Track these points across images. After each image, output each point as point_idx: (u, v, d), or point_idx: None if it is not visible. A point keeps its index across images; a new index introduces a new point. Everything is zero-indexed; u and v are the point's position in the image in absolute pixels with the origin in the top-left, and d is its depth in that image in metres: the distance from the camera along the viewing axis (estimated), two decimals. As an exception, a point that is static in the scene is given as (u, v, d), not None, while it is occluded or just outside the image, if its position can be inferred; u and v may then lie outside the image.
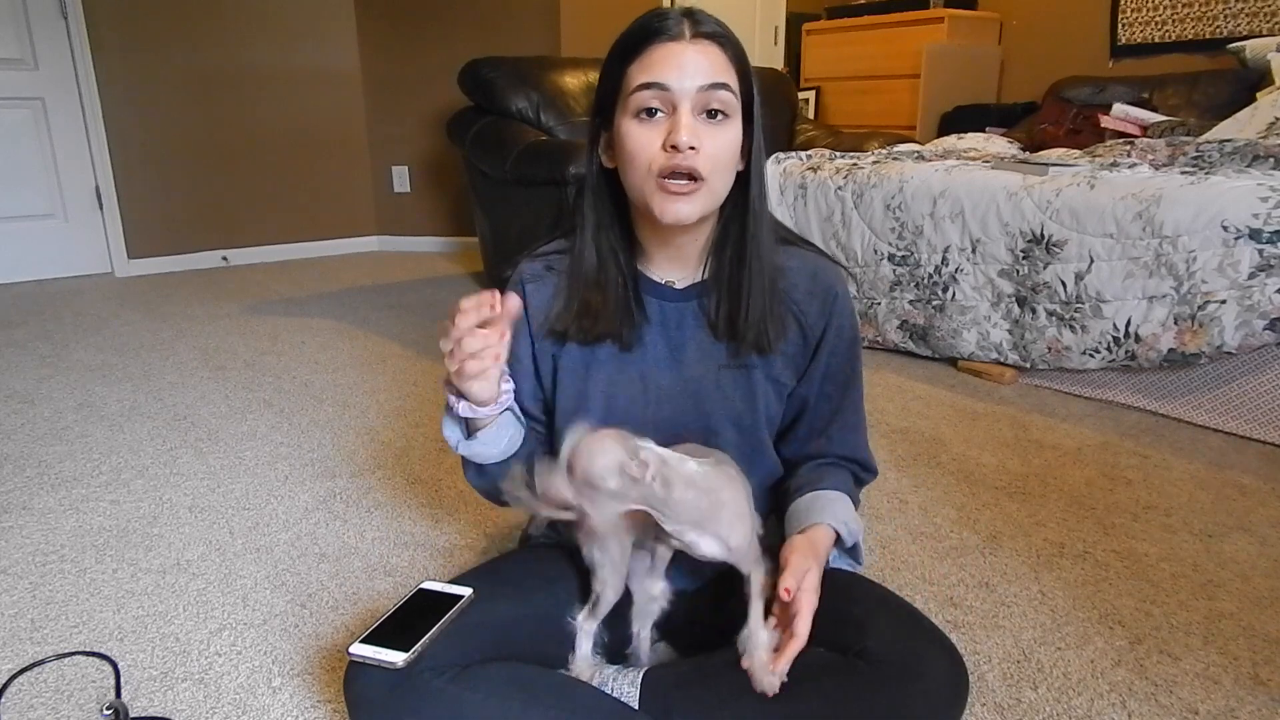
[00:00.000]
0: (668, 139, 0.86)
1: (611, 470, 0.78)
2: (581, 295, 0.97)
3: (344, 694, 0.85)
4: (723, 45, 0.88)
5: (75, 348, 2.64)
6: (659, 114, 0.87)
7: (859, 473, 1.08)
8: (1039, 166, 2.25)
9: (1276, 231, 1.76)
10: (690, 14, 0.89)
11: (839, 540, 0.98)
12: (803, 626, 0.84)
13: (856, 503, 1.05)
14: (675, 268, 1.00)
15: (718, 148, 0.88)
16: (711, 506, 0.83)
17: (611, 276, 0.97)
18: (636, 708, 0.90)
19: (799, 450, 1.07)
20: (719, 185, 0.90)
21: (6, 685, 1.10)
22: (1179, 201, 1.89)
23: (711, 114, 0.87)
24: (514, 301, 0.83)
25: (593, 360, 1.00)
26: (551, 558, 1.03)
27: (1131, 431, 1.95)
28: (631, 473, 0.78)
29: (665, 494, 0.80)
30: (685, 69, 0.86)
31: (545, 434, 1.07)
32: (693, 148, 0.86)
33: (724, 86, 0.87)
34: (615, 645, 0.98)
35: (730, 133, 0.89)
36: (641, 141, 0.88)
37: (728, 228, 0.97)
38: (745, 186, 0.94)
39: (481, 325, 0.82)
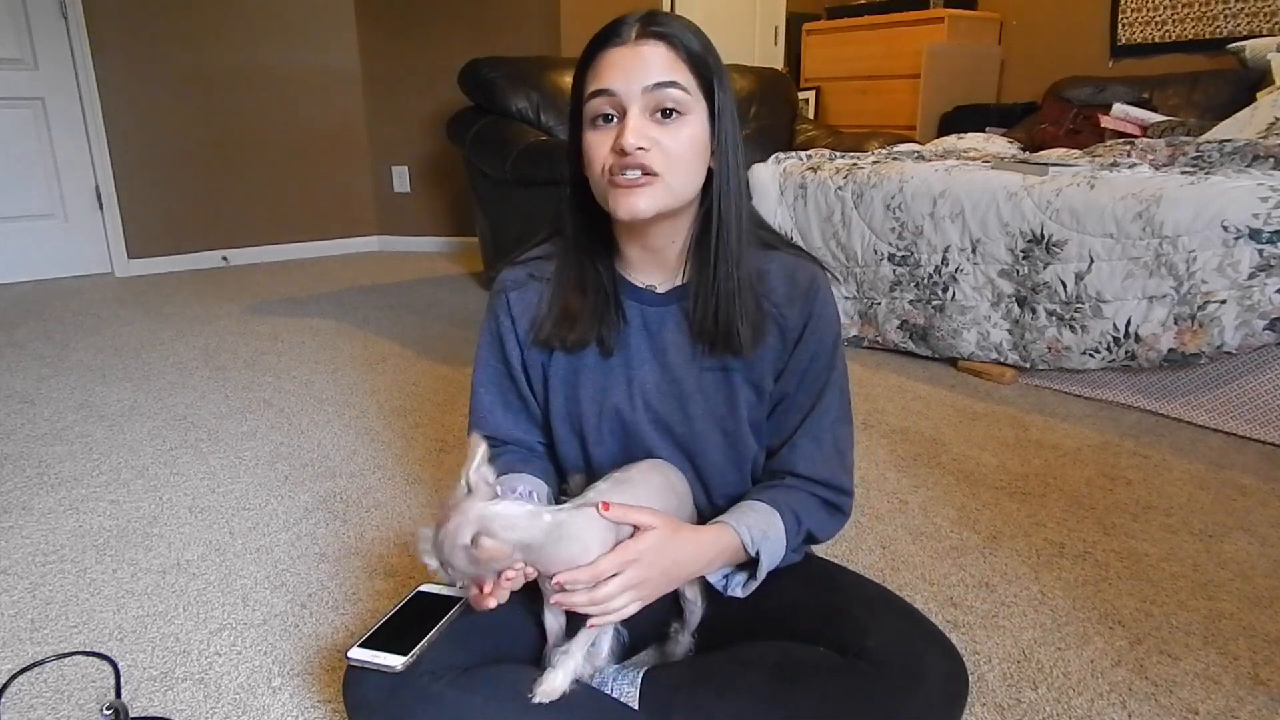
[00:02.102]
0: (615, 141, 0.86)
1: (463, 559, 0.78)
2: (562, 300, 0.97)
3: (343, 698, 0.85)
4: (671, 43, 0.86)
5: (75, 348, 2.64)
6: (613, 119, 0.87)
7: (827, 495, 0.99)
8: (1039, 166, 2.25)
9: (1276, 231, 1.76)
10: (649, 16, 0.88)
11: (756, 560, 0.93)
12: (607, 589, 0.82)
13: (805, 525, 0.97)
14: (655, 271, 0.99)
15: (673, 145, 0.87)
16: (584, 551, 0.83)
17: (592, 281, 0.97)
18: (636, 708, 0.90)
19: (765, 448, 1.03)
20: (678, 182, 0.89)
21: (6, 685, 1.10)
22: (1179, 201, 1.88)
23: (665, 113, 0.86)
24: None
25: (581, 367, 0.99)
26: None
27: (1131, 431, 1.95)
28: (482, 557, 0.77)
29: (534, 553, 0.80)
30: (630, 71, 0.85)
31: (545, 440, 1.07)
32: (642, 148, 0.85)
33: (672, 84, 0.85)
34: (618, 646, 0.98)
35: (687, 130, 0.87)
36: (596, 147, 0.88)
37: (703, 230, 0.95)
38: (718, 185, 0.92)
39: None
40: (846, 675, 0.85)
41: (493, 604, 0.82)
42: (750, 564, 0.94)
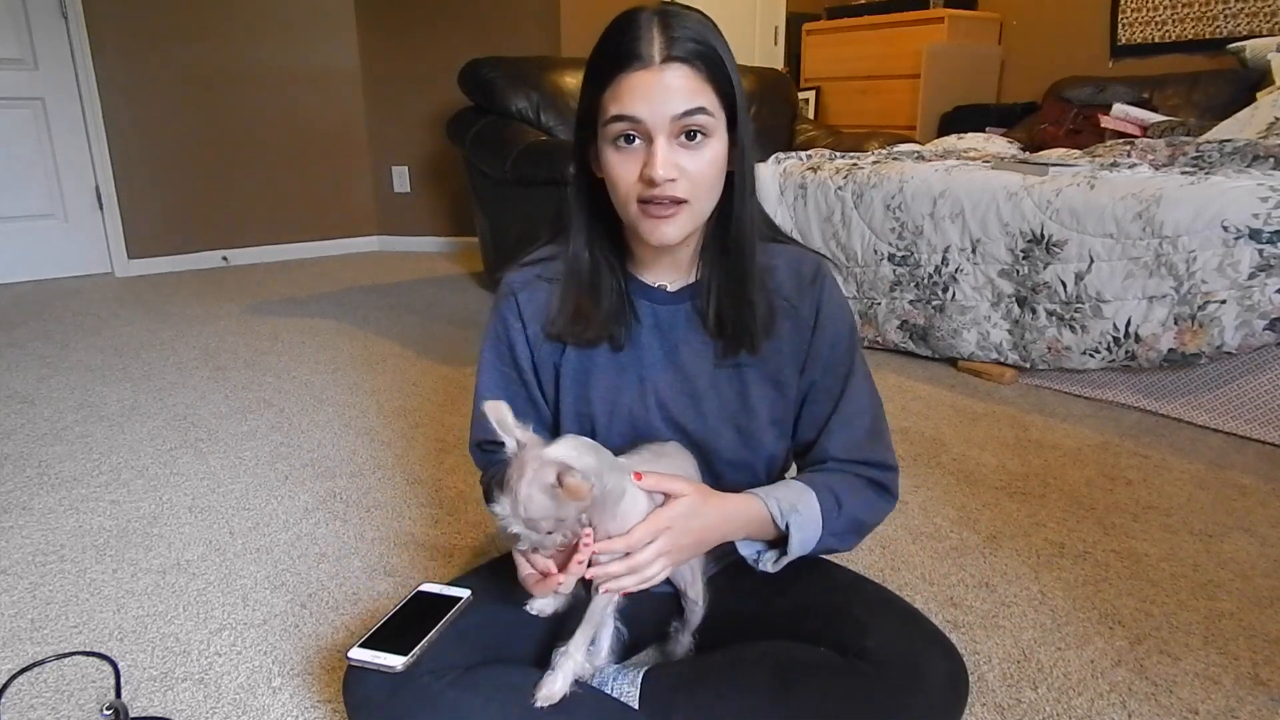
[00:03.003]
0: (644, 171, 0.85)
1: (549, 505, 0.77)
2: (575, 300, 0.96)
3: (343, 698, 0.85)
4: (695, 65, 0.84)
5: (75, 348, 2.64)
6: (636, 141, 0.85)
7: (871, 474, 1.00)
8: (1039, 166, 2.25)
9: (1276, 231, 1.76)
10: (664, 21, 0.84)
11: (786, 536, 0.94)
12: (642, 556, 0.83)
13: (848, 508, 0.96)
14: (667, 271, 0.99)
15: (698, 169, 0.86)
16: (624, 516, 0.84)
17: (604, 282, 0.97)
18: (636, 708, 0.90)
19: (801, 441, 1.04)
20: (702, 204, 0.89)
21: (6, 685, 1.10)
22: (1179, 201, 1.88)
23: (690, 135, 0.85)
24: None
25: (592, 365, 0.99)
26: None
27: (1131, 431, 1.95)
28: (568, 494, 0.76)
29: (598, 498, 0.80)
30: (656, 99, 0.83)
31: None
32: (671, 179, 0.84)
33: (700, 111, 0.84)
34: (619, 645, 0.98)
35: (711, 151, 0.87)
36: (621, 171, 0.87)
37: (717, 230, 0.96)
38: (733, 191, 0.93)
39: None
40: (847, 675, 0.85)
41: (562, 581, 0.82)
42: (783, 540, 0.94)
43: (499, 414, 0.82)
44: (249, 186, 4.01)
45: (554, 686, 0.84)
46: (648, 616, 1.01)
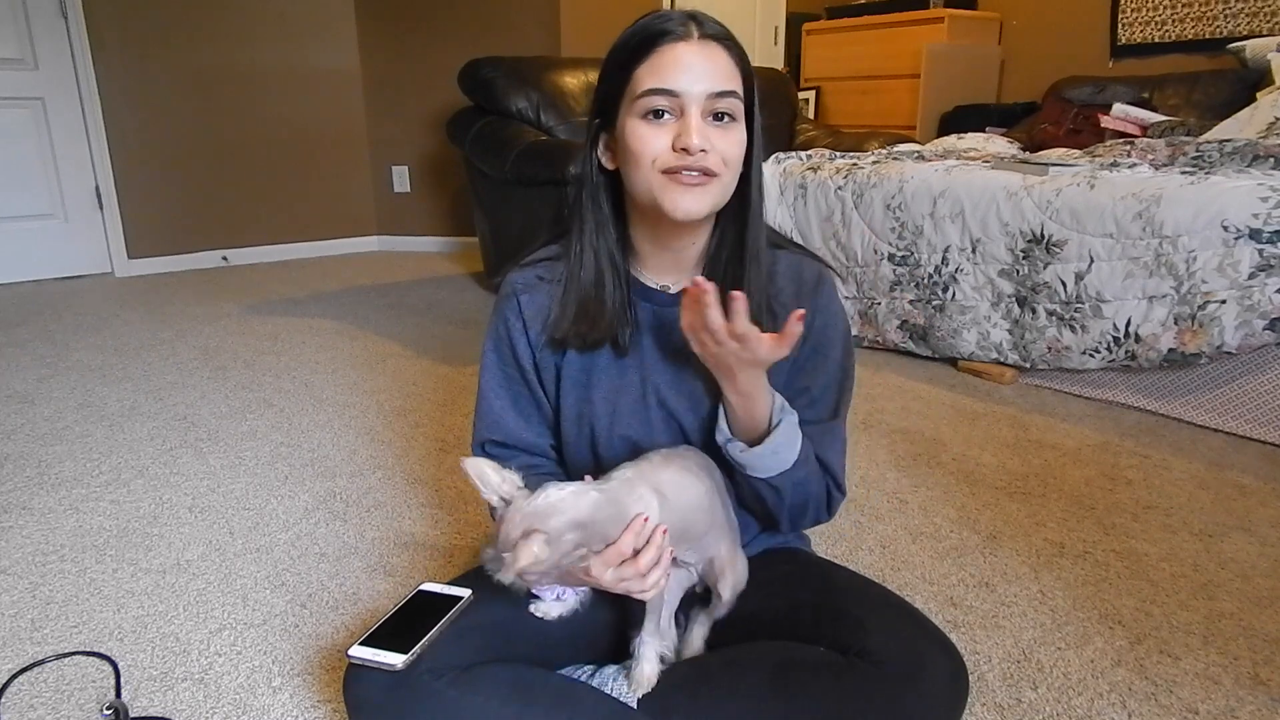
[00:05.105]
0: (677, 141, 0.86)
1: (538, 560, 0.76)
2: (578, 301, 0.96)
3: (343, 696, 0.85)
4: (728, 48, 0.88)
5: (75, 348, 2.64)
6: (666, 116, 0.87)
7: (829, 488, 1.01)
8: (1039, 166, 2.25)
9: (1276, 231, 1.76)
10: (694, 15, 0.89)
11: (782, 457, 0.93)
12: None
13: (811, 476, 0.97)
14: (671, 272, 0.99)
15: (727, 148, 0.88)
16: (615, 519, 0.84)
17: (608, 281, 0.96)
18: (635, 708, 0.90)
19: None
20: (726, 184, 0.91)
21: (6, 685, 1.10)
22: (1179, 201, 1.88)
23: (718, 117, 0.88)
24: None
25: (593, 367, 0.99)
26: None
27: (1131, 431, 1.95)
28: (518, 562, 0.76)
29: (591, 530, 0.80)
30: (693, 73, 0.86)
31: (555, 443, 1.06)
32: (704, 150, 0.86)
33: (732, 94, 0.87)
34: (618, 645, 0.98)
35: (736, 134, 0.89)
36: (648, 140, 0.87)
37: (725, 232, 0.96)
38: (743, 190, 0.94)
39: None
40: (847, 674, 0.85)
41: (654, 578, 0.82)
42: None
43: (479, 470, 0.80)
44: (249, 186, 4.01)
45: (646, 673, 0.88)
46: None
